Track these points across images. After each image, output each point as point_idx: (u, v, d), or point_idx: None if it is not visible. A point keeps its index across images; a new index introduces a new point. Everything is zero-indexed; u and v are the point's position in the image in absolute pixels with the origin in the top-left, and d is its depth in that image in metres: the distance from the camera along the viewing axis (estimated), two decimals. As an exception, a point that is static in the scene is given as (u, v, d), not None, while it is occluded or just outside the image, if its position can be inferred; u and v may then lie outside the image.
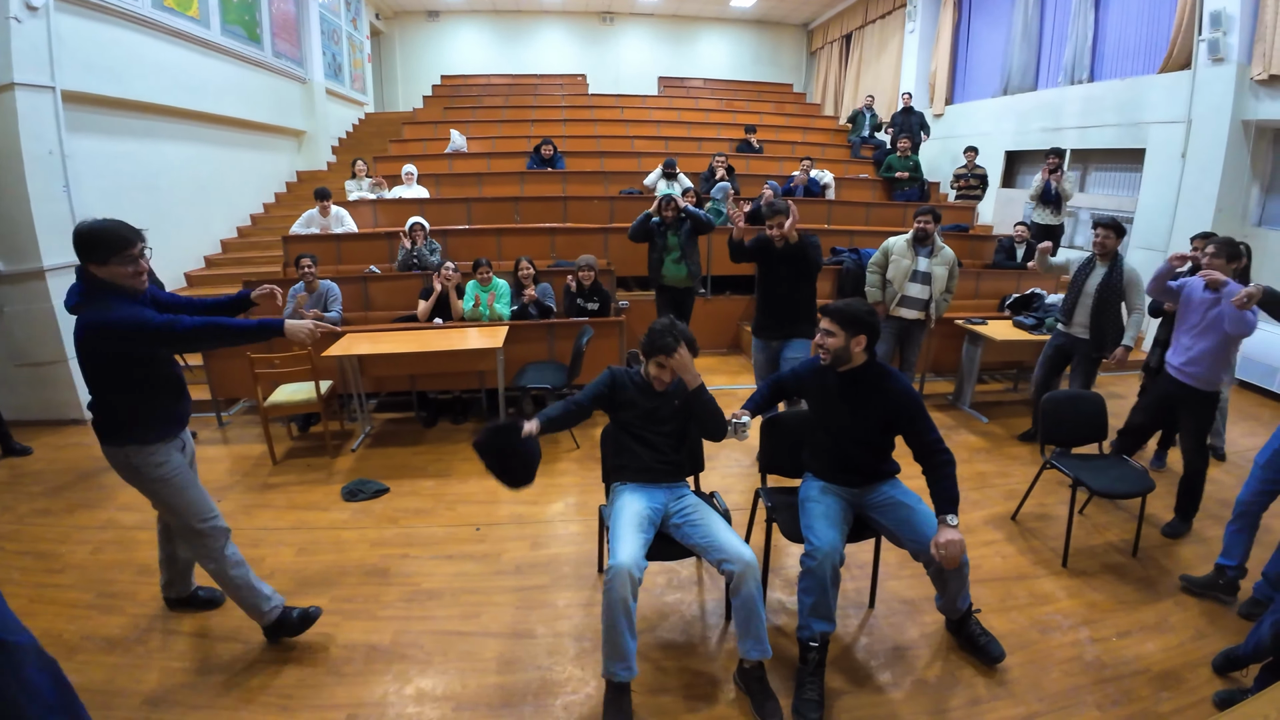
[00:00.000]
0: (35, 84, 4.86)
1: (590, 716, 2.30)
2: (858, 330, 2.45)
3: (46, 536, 3.58)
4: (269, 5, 8.71)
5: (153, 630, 2.78)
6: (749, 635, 2.27)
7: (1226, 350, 3.32)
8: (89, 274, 2.21)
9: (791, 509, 2.69)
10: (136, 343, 2.21)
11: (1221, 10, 5.92)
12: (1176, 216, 6.46)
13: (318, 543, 3.43)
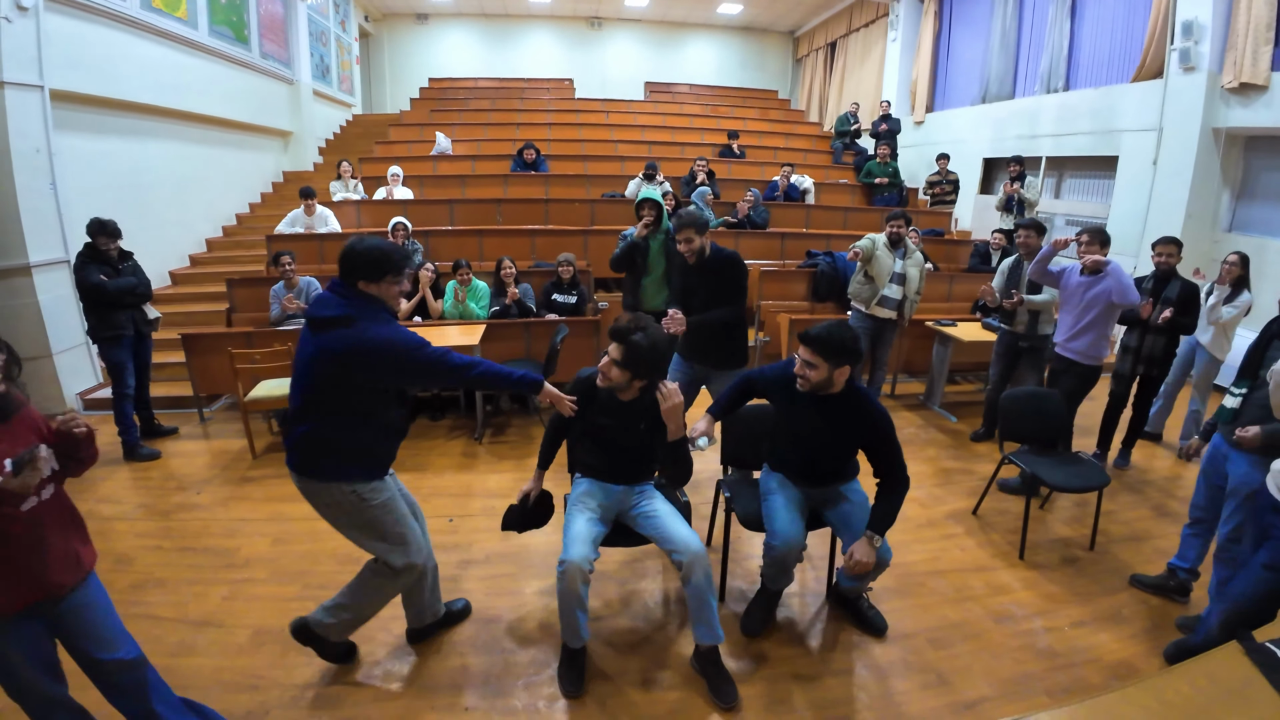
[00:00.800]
0: (24, 83, 4.91)
1: (549, 696, 2.37)
2: (842, 361, 2.37)
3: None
4: (257, 7, 8.76)
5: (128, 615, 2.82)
6: (701, 622, 2.37)
7: (1107, 326, 3.76)
8: (356, 291, 2.08)
9: (749, 498, 2.79)
10: (404, 368, 2.06)
11: (1193, 20, 6.08)
12: (1148, 222, 6.62)
13: (293, 533, 3.48)
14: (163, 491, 3.96)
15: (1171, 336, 4.16)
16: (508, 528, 2.63)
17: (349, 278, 2.09)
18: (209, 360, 4.98)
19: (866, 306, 4.92)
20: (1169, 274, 4.11)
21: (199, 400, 5.21)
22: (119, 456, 4.43)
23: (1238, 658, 1.45)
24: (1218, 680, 1.39)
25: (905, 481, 2.47)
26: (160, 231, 6.95)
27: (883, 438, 2.46)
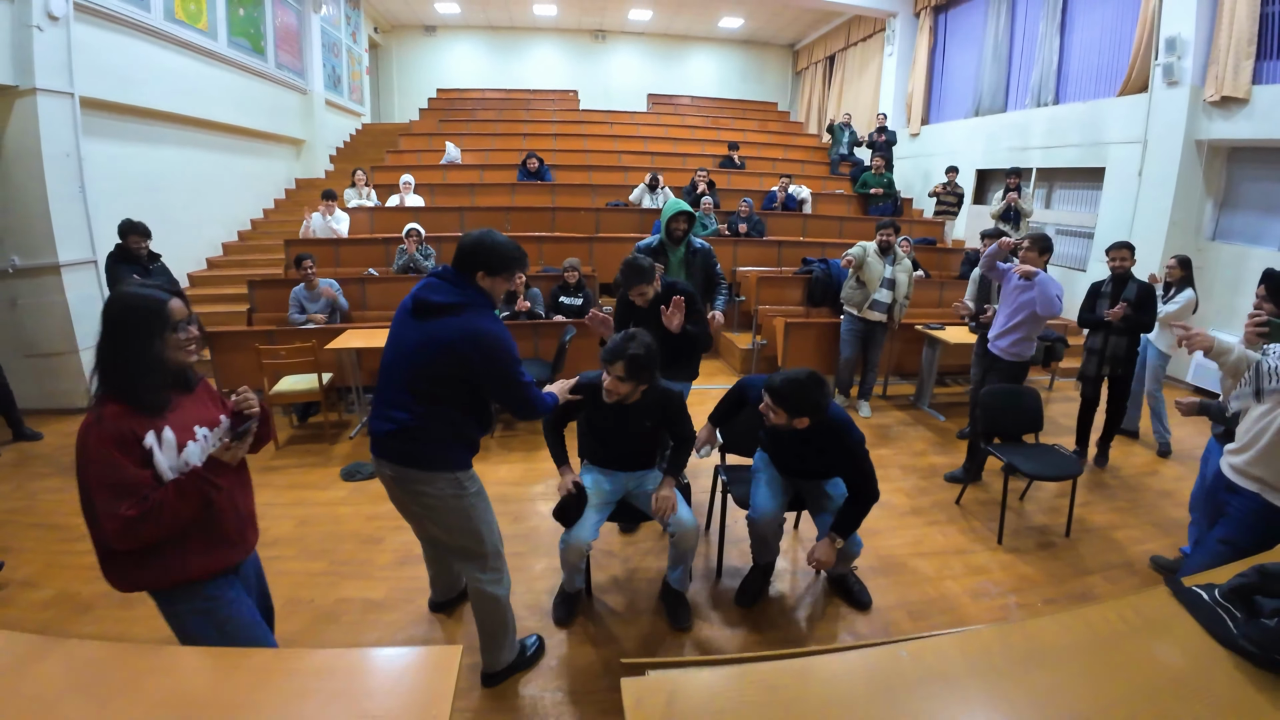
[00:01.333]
0: (55, 89, 5.15)
1: (554, 664, 2.59)
2: (799, 414, 2.45)
3: (59, 510, 3.83)
4: (273, 19, 9.05)
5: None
6: (676, 568, 2.81)
7: (1032, 330, 4.03)
8: (472, 281, 2.09)
9: (744, 483, 3.02)
10: (496, 371, 2.07)
11: (1177, 35, 6.32)
12: (1134, 232, 6.83)
13: (316, 516, 3.71)
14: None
15: (1133, 337, 4.32)
16: (565, 521, 2.66)
17: (469, 268, 2.08)
18: (232, 357, 5.19)
19: (858, 310, 5.18)
20: (1125, 277, 4.29)
21: (223, 395, 5.41)
22: None
23: (1166, 598, 1.65)
24: (1144, 614, 1.59)
25: (875, 495, 2.58)
26: (178, 235, 7.18)
27: (855, 463, 2.57)
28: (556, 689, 2.44)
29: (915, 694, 1.36)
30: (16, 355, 5.17)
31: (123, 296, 1.63)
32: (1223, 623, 1.55)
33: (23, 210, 5.08)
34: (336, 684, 1.36)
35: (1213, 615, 1.58)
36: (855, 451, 2.57)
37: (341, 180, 9.39)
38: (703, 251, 3.97)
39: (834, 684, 1.38)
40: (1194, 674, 1.42)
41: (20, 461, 4.56)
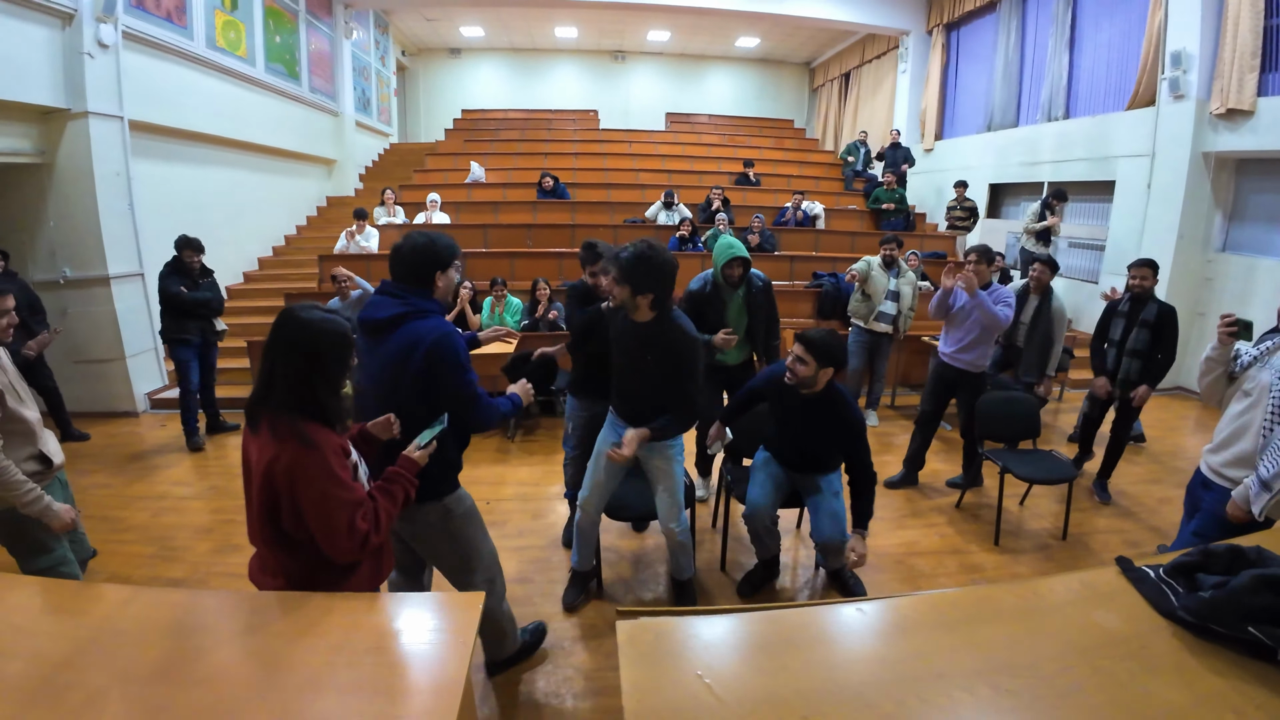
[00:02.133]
0: (105, 113, 5.56)
1: (571, 636, 2.79)
2: (828, 363, 2.67)
3: (109, 504, 4.13)
4: (307, 45, 9.50)
5: (211, 573, 3.30)
6: (675, 565, 3.02)
7: (988, 341, 4.07)
8: (416, 288, 2.05)
9: (745, 482, 3.19)
10: (453, 379, 2.01)
11: (1182, 50, 6.44)
12: (1143, 244, 6.91)
13: None
14: (229, 476, 4.45)
15: (1148, 359, 4.00)
16: (505, 370, 2.65)
17: (425, 271, 2.05)
18: (266, 364, 5.49)
19: (865, 322, 5.33)
20: (1145, 297, 4.05)
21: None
22: (183, 446, 4.98)
23: (1114, 575, 1.79)
24: (1090, 586, 1.74)
25: (873, 477, 2.77)
26: (218, 250, 7.47)
27: (854, 436, 2.77)
28: (567, 668, 2.63)
29: (872, 640, 1.55)
30: (67, 361, 5.52)
31: (315, 324, 1.64)
32: (1165, 596, 1.67)
33: (75, 225, 5.47)
34: (376, 620, 1.60)
35: (1156, 589, 1.71)
36: (855, 426, 2.79)
37: (370, 198, 9.78)
38: (764, 288, 3.68)
39: (801, 629, 1.56)
40: (1131, 637, 1.56)
41: (72, 460, 4.85)
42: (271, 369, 1.63)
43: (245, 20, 7.90)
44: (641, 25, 13.79)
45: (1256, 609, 1.52)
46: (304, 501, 1.60)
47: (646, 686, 1.37)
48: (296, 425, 1.60)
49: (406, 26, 13.96)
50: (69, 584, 1.97)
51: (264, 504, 1.65)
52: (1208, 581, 1.65)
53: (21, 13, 4.90)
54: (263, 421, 1.64)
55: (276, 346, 1.64)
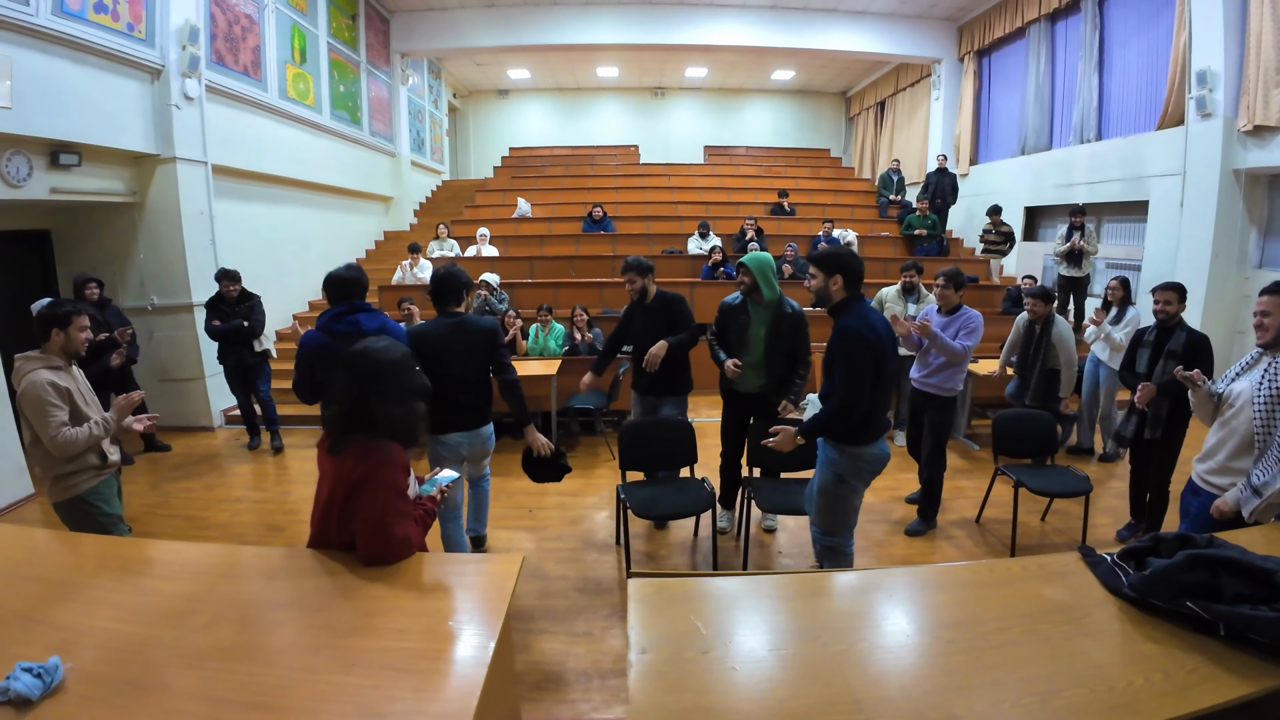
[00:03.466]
0: (191, 158, 6.25)
1: (603, 626, 3.06)
2: (834, 270, 2.68)
3: (191, 505, 4.62)
4: (367, 92, 10.28)
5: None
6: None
7: (956, 366, 3.97)
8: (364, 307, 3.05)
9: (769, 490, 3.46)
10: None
11: (1207, 69, 6.49)
12: (1178, 263, 6.91)
13: None
14: (299, 483, 4.90)
15: (1179, 397, 3.44)
16: (524, 465, 3.46)
17: (359, 292, 2.99)
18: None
19: None
20: (1170, 324, 3.74)
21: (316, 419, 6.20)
22: (256, 456, 5.62)
23: (1074, 560, 1.96)
24: (1046, 567, 1.92)
25: (842, 408, 2.64)
26: (287, 280, 8.23)
27: (828, 353, 2.74)
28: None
29: (837, 599, 1.81)
30: (152, 379, 6.10)
31: (369, 353, 1.94)
32: (1116, 577, 1.83)
33: (163, 258, 6.14)
34: (427, 574, 1.92)
35: (1109, 572, 1.87)
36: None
37: (424, 233, 10.43)
38: (792, 317, 3.59)
39: (781, 589, 1.84)
40: (1075, 608, 1.74)
41: (153, 468, 5.44)
42: (340, 396, 1.94)
43: (313, 72, 8.66)
44: (680, 63, 14.33)
45: (1192, 584, 1.67)
46: (365, 510, 1.85)
47: (648, 623, 1.65)
48: (373, 446, 1.86)
49: (458, 71, 14.84)
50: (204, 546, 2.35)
51: (341, 510, 1.91)
52: (1155, 564, 1.79)
53: (117, 69, 5.60)
54: (343, 441, 1.91)
55: (342, 377, 1.93)
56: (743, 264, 3.58)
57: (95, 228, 6.21)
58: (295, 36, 8.20)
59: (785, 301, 3.63)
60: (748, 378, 3.68)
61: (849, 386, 2.62)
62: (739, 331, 3.66)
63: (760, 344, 3.62)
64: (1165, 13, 7.34)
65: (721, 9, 10.67)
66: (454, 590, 1.84)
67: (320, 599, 1.76)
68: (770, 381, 3.68)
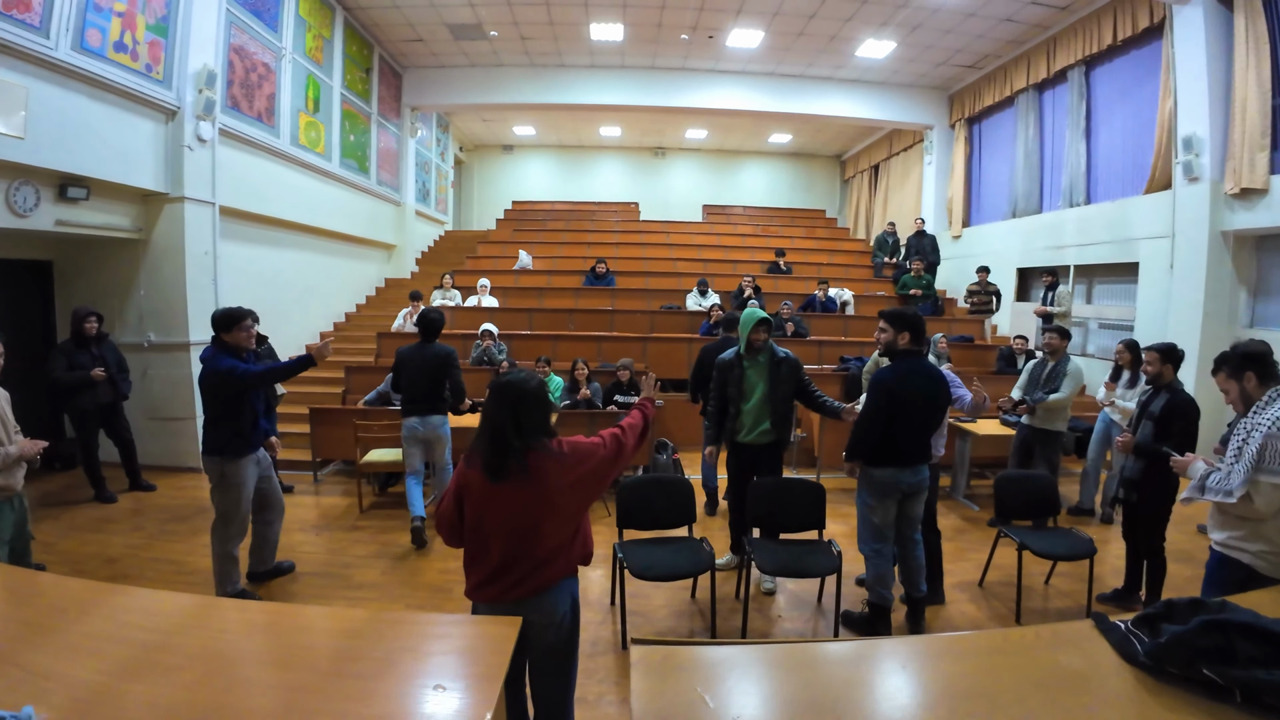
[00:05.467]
0: (200, 199, 6.34)
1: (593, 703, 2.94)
2: (903, 328, 3.23)
3: (175, 549, 4.49)
4: (376, 143, 10.53)
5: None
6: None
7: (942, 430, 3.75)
8: (218, 339, 3.64)
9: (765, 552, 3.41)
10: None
11: (1193, 134, 6.71)
12: (1169, 323, 7.00)
13: (399, 568, 4.24)
14: (287, 531, 4.73)
15: (1155, 458, 3.36)
16: None
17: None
18: (328, 430, 5.92)
19: None
20: (1159, 385, 3.69)
21: (315, 464, 6.12)
22: None
23: (1087, 627, 1.88)
24: (1059, 634, 1.85)
25: (853, 436, 3.32)
26: (288, 323, 8.22)
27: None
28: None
29: (848, 669, 1.74)
30: (143, 417, 6.04)
31: (530, 381, 2.13)
32: (1130, 644, 1.76)
33: (163, 295, 6.17)
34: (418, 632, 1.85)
35: (1124, 639, 1.79)
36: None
37: (425, 280, 10.55)
38: (788, 362, 3.87)
39: (792, 657, 1.77)
40: (1092, 676, 1.67)
41: (138, 509, 5.31)
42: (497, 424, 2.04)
43: (325, 121, 8.89)
44: (680, 125, 14.82)
45: (1207, 649, 1.61)
46: (590, 496, 2.13)
47: (652, 694, 1.58)
48: (544, 449, 2.02)
49: (465, 126, 15.27)
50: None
51: (573, 513, 2.07)
52: (1169, 630, 1.72)
53: (133, 107, 5.74)
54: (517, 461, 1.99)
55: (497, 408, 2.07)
56: (767, 320, 3.92)
57: (97, 262, 6.25)
58: (310, 86, 8.44)
59: (776, 349, 3.91)
60: (749, 423, 3.90)
61: (861, 420, 3.29)
62: (737, 384, 3.91)
63: (760, 386, 3.88)
64: (1150, 80, 7.66)
65: (721, 75, 11.10)
66: (446, 651, 1.76)
67: (305, 658, 1.70)
68: (775, 429, 3.87)
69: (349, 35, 9.45)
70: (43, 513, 5.10)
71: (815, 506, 3.56)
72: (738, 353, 3.92)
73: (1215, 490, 2.42)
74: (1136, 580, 3.81)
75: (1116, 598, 3.85)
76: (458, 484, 2.06)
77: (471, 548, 2.07)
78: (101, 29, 5.36)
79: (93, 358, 5.33)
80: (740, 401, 3.87)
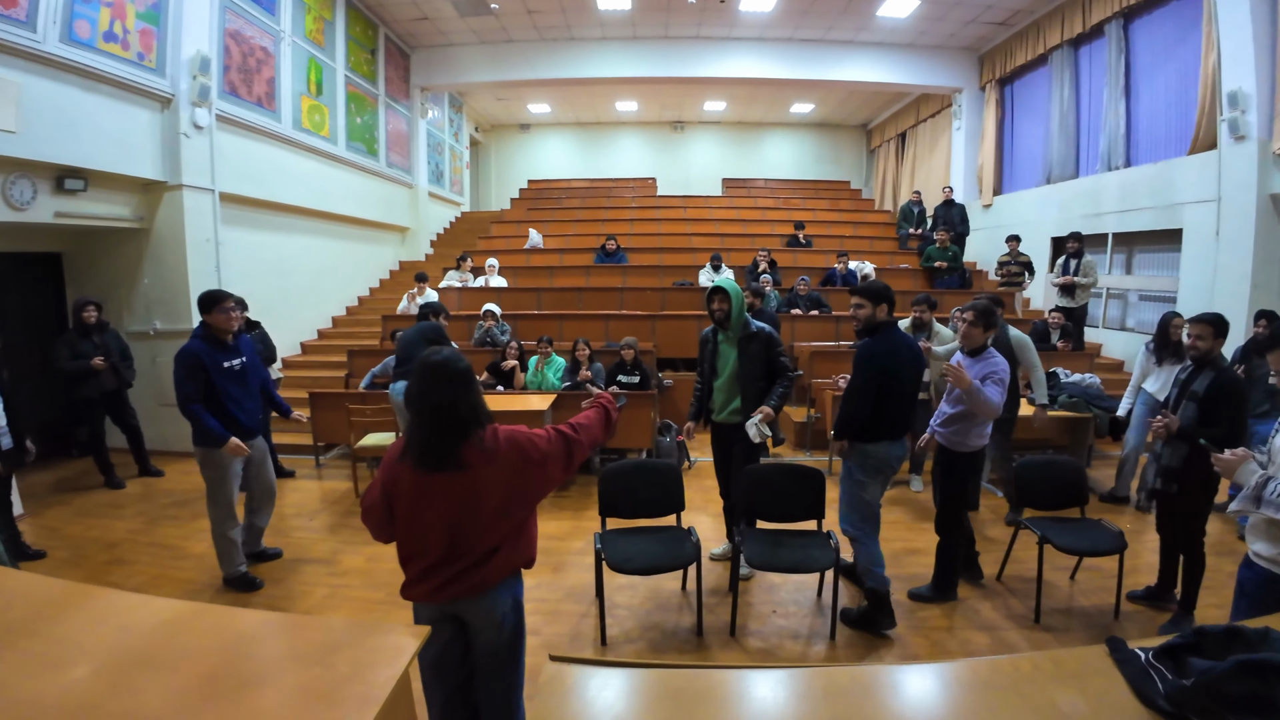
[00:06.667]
0: (199, 186, 6.28)
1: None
2: (880, 300, 3.15)
3: (173, 534, 4.49)
4: (385, 125, 10.40)
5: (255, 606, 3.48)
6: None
7: (973, 420, 3.39)
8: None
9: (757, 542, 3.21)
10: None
11: (1238, 89, 6.20)
12: (1215, 294, 6.54)
13: (388, 553, 4.02)
14: (280, 516, 4.71)
15: (1193, 444, 3.09)
16: None
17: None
18: (329, 415, 5.85)
19: None
20: (1202, 361, 3.23)
21: (317, 449, 6.08)
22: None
23: (1101, 654, 1.67)
24: (1063, 665, 1.63)
25: (843, 415, 3.24)
26: (297, 309, 8.22)
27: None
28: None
29: (831, 702, 1.53)
30: (154, 403, 6.06)
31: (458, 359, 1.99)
32: (1150, 681, 1.53)
33: (167, 284, 6.16)
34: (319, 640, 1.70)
35: (1142, 674, 1.56)
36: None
37: (439, 263, 10.50)
38: (761, 337, 3.61)
39: (755, 687, 1.59)
40: None
41: (145, 493, 5.37)
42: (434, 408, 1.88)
43: (329, 104, 8.76)
44: (699, 97, 14.39)
45: (1240, 698, 1.37)
46: (531, 493, 1.97)
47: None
48: (485, 439, 1.88)
49: (480, 105, 15.06)
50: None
51: (512, 510, 1.93)
52: (1198, 666, 1.49)
53: (128, 97, 5.68)
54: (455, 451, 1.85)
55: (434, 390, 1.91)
56: (721, 289, 3.63)
57: (103, 252, 6.27)
58: (312, 69, 8.31)
59: (750, 322, 3.67)
60: (720, 401, 3.75)
61: (851, 397, 3.18)
62: (710, 358, 3.77)
63: (729, 363, 3.68)
64: (1193, 34, 7.10)
65: (737, 42, 10.68)
66: (334, 664, 1.58)
67: (202, 662, 1.59)
68: (747, 408, 3.60)
69: (352, 16, 9.28)
70: (54, 499, 5.21)
71: (814, 495, 3.34)
72: (714, 326, 3.76)
73: (1277, 504, 2.03)
74: (1171, 578, 3.46)
75: (1148, 596, 3.54)
76: (384, 476, 1.92)
77: (404, 545, 1.94)
78: (90, 20, 5.30)
79: (95, 346, 5.35)
80: (713, 378, 3.75)
